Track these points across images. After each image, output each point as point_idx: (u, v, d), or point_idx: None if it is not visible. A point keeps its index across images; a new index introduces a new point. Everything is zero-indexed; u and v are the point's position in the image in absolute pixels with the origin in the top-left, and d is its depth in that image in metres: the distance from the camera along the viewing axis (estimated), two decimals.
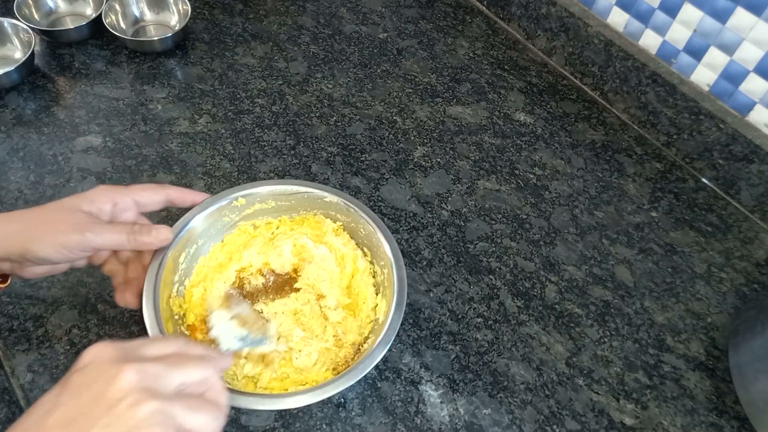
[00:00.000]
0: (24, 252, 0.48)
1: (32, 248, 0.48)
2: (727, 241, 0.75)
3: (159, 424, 0.36)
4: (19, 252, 0.48)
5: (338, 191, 0.62)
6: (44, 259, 0.49)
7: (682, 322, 0.67)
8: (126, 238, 0.51)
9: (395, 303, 0.54)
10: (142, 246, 0.52)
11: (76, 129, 0.77)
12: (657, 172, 0.81)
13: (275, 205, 0.63)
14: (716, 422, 0.60)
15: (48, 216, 0.49)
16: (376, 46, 0.92)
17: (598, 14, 0.86)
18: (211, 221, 0.60)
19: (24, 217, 0.49)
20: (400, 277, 0.56)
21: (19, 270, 0.52)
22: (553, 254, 0.71)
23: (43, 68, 0.83)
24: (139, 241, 0.51)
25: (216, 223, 0.61)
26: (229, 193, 0.60)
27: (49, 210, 0.50)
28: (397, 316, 0.54)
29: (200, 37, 0.90)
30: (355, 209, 0.61)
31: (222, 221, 0.62)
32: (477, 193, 0.76)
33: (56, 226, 0.48)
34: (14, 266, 0.51)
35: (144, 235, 0.52)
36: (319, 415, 0.57)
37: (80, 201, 0.51)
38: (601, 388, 0.61)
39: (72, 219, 0.49)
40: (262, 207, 0.63)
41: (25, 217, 0.49)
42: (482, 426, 0.58)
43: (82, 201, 0.51)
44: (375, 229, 0.59)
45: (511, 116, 0.85)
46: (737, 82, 0.74)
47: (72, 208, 0.50)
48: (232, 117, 0.80)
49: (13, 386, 0.57)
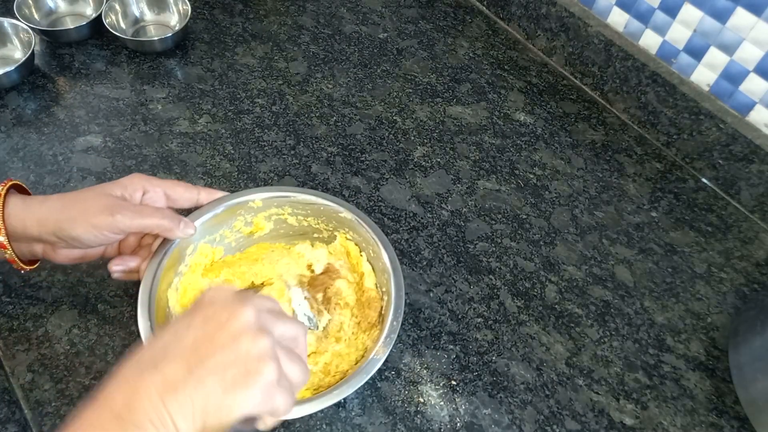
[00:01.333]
0: (57, 231, 0.50)
1: (65, 228, 0.50)
2: (727, 241, 0.75)
3: (272, 359, 0.39)
4: (53, 232, 0.50)
5: (352, 206, 0.62)
6: (76, 239, 0.51)
7: (682, 322, 0.67)
8: (156, 222, 0.53)
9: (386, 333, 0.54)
10: (167, 234, 0.54)
11: (76, 129, 0.77)
12: (657, 172, 0.81)
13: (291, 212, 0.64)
14: (716, 422, 0.60)
15: (81, 198, 0.52)
16: (376, 46, 0.92)
17: (598, 14, 0.86)
18: (222, 219, 0.61)
19: (58, 199, 0.52)
20: (397, 306, 0.56)
21: (52, 253, 0.54)
22: (553, 254, 0.71)
23: (43, 68, 0.83)
24: (167, 227, 0.53)
25: (228, 220, 0.62)
26: (246, 194, 0.61)
27: (81, 193, 0.52)
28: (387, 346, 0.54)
29: (200, 37, 0.90)
30: (367, 229, 0.61)
31: (234, 221, 0.62)
32: (477, 193, 0.76)
33: (88, 207, 0.51)
34: (47, 248, 0.54)
35: (173, 225, 0.54)
36: (319, 415, 0.57)
37: (113, 186, 0.53)
38: (601, 388, 0.61)
39: (103, 201, 0.51)
40: (277, 212, 0.63)
41: (59, 200, 0.52)
42: (482, 426, 0.58)
43: (114, 186, 0.53)
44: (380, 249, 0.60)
45: (511, 116, 0.85)
46: (737, 82, 0.74)
47: (104, 192, 0.52)
48: (232, 117, 0.80)
49: (13, 386, 0.57)
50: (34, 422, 0.54)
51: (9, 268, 0.63)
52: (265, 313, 0.42)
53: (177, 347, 0.39)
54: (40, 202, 0.52)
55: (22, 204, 0.51)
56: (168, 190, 0.55)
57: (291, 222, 0.65)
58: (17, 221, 0.51)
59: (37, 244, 0.53)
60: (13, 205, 0.51)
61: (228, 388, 0.38)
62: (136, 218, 0.51)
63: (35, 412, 0.55)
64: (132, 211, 0.52)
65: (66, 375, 0.57)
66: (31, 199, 0.52)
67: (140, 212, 0.52)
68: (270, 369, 0.39)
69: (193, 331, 0.40)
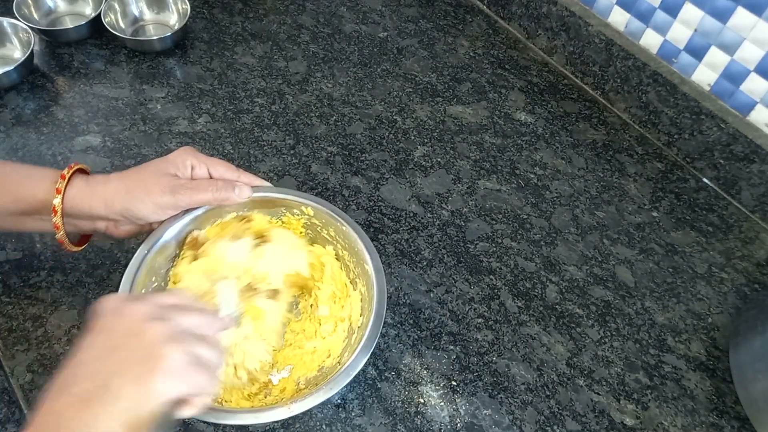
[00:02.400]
0: (125, 211, 0.53)
1: (133, 207, 0.53)
2: (728, 241, 0.74)
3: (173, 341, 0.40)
4: (120, 212, 0.53)
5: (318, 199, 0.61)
6: (141, 218, 0.54)
7: (682, 322, 0.67)
8: (211, 195, 0.55)
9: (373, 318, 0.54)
10: (225, 201, 0.57)
11: (75, 129, 0.76)
12: (658, 171, 0.81)
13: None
14: (717, 422, 0.60)
15: (141, 179, 0.54)
16: (376, 45, 0.92)
17: (599, 13, 0.86)
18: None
19: (120, 180, 0.54)
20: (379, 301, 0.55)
21: (114, 229, 0.57)
22: (554, 254, 0.71)
23: (42, 68, 0.83)
24: (223, 197, 0.56)
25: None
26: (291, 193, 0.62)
27: (139, 174, 0.54)
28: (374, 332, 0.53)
29: (199, 36, 0.90)
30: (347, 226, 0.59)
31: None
32: (477, 193, 0.76)
33: (151, 188, 0.53)
34: (110, 225, 0.56)
35: (228, 192, 0.56)
36: (318, 416, 0.57)
37: (167, 165, 0.55)
38: (601, 388, 0.61)
39: (163, 181, 0.54)
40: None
41: (122, 181, 0.54)
42: (482, 426, 0.58)
43: (168, 165, 0.55)
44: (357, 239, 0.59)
45: (512, 116, 0.85)
46: (738, 81, 0.74)
47: (162, 171, 0.54)
48: (232, 116, 0.80)
49: (13, 386, 0.57)
50: None
51: (9, 268, 0.63)
52: (161, 307, 0.43)
53: (80, 368, 0.40)
54: (103, 182, 0.54)
55: (86, 185, 0.53)
56: (211, 168, 0.57)
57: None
58: (83, 201, 0.53)
59: (100, 222, 0.56)
60: (79, 186, 0.53)
61: (138, 381, 0.39)
62: (194, 195, 0.55)
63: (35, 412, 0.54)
64: (190, 188, 0.54)
65: None
66: (93, 180, 0.54)
67: (197, 188, 0.55)
68: (172, 350, 0.40)
69: (91, 347, 0.41)
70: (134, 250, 0.65)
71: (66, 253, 0.65)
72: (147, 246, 0.56)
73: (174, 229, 0.57)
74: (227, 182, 0.56)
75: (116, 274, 0.64)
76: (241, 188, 0.57)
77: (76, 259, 0.65)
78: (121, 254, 0.65)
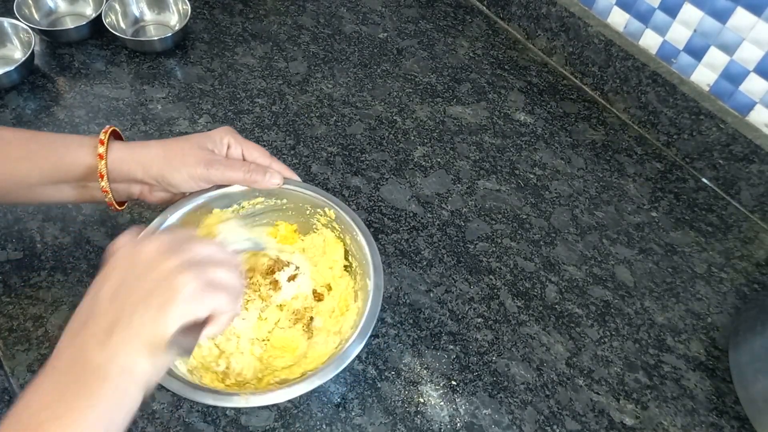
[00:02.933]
0: (158, 177, 0.55)
1: (168, 175, 0.55)
2: (728, 241, 0.75)
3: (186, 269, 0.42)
4: (155, 177, 0.55)
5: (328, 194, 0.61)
6: (174, 185, 0.56)
7: (682, 322, 0.67)
8: (242, 176, 0.57)
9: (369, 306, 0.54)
10: (254, 184, 0.58)
11: (75, 129, 0.76)
12: (657, 172, 0.81)
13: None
14: (716, 422, 0.60)
15: (179, 149, 0.56)
16: (376, 46, 0.92)
17: (599, 14, 0.86)
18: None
19: (160, 146, 0.56)
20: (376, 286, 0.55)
21: (148, 194, 0.59)
22: (554, 254, 0.71)
23: (43, 68, 0.83)
24: (253, 179, 0.57)
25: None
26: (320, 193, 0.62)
27: (178, 144, 0.56)
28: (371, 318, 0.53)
29: (200, 37, 0.90)
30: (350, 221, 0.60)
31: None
32: (477, 193, 0.76)
33: (187, 159, 0.55)
34: (144, 190, 0.58)
35: (259, 175, 0.58)
36: (318, 416, 0.57)
37: (205, 140, 0.57)
38: (601, 388, 0.61)
39: (200, 154, 0.56)
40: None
41: (161, 147, 0.55)
42: (482, 426, 0.58)
43: (206, 140, 0.57)
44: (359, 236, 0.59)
45: (512, 116, 0.85)
46: (737, 82, 0.74)
47: (198, 144, 0.56)
48: (232, 117, 0.80)
49: (13, 386, 0.57)
50: None
51: (9, 268, 0.63)
52: (172, 242, 0.44)
53: (99, 302, 0.42)
54: (142, 147, 0.56)
55: (126, 149, 0.55)
56: (246, 151, 0.58)
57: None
58: (123, 164, 0.55)
59: (135, 186, 0.58)
60: (118, 149, 0.55)
61: (155, 312, 0.40)
62: (226, 172, 0.56)
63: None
64: (223, 165, 0.56)
65: None
66: (133, 144, 0.56)
67: (230, 166, 0.56)
68: (186, 278, 0.41)
69: (107, 283, 0.42)
70: None
71: (66, 253, 0.65)
72: (170, 211, 0.57)
73: (199, 200, 0.58)
74: (260, 166, 0.58)
75: None
76: (273, 174, 0.59)
77: (77, 259, 0.65)
78: None
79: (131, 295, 0.41)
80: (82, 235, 0.67)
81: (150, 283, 0.41)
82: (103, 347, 0.39)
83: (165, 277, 0.41)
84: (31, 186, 0.55)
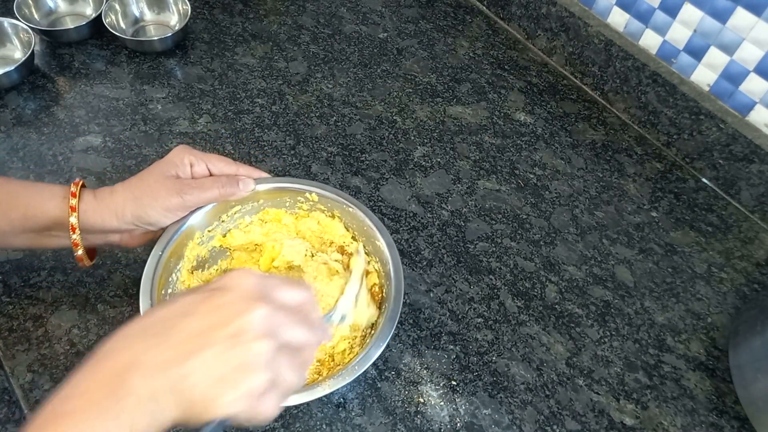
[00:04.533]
0: (136, 219, 0.54)
1: (144, 214, 0.54)
2: (728, 241, 0.75)
3: (268, 364, 0.39)
4: (132, 221, 0.54)
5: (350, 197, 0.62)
6: (153, 224, 0.55)
7: (682, 322, 0.67)
8: (218, 192, 0.57)
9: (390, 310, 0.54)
10: (231, 197, 0.58)
11: (75, 129, 0.77)
12: (657, 172, 0.81)
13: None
14: (716, 422, 0.60)
15: (146, 185, 0.54)
16: (376, 46, 0.92)
17: (599, 14, 0.86)
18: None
19: (126, 189, 0.54)
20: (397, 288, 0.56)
21: (129, 239, 0.58)
22: (554, 254, 0.71)
23: (43, 68, 0.83)
24: (229, 192, 0.57)
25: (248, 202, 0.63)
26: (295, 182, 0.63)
27: (147, 179, 0.55)
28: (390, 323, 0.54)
29: (200, 37, 0.90)
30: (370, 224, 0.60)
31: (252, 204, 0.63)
32: (477, 193, 0.76)
33: (157, 193, 0.54)
34: (123, 236, 0.57)
35: (233, 187, 0.57)
36: (319, 416, 0.57)
37: (167, 167, 0.55)
38: (601, 388, 0.61)
39: (168, 184, 0.54)
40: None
41: (127, 189, 0.54)
42: (482, 426, 0.58)
43: (168, 166, 0.55)
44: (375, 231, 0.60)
45: (512, 116, 0.85)
46: (737, 82, 0.74)
47: (164, 174, 0.55)
48: (232, 117, 0.80)
49: (13, 386, 0.57)
50: None
51: (9, 268, 0.63)
52: (280, 313, 0.40)
53: (178, 329, 0.38)
54: (110, 194, 0.54)
55: (94, 199, 0.54)
56: (209, 164, 0.58)
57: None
58: (95, 216, 0.53)
59: (113, 235, 0.56)
60: (88, 201, 0.53)
61: (214, 384, 0.37)
62: (201, 194, 0.56)
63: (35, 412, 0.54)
64: (195, 188, 0.55)
65: (66, 375, 0.56)
66: (100, 193, 0.55)
67: (201, 187, 0.56)
68: (259, 378, 0.38)
69: (199, 316, 0.39)
70: (135, 250, 0.66)
71: (66, 253, 0.65)
72: (160, 247, 0.56)
73: (183, 227, 0.58)
74: (231, 178, 0.58)
75: (117, 273, 0.64)
76: (245, 182, 0.58)
77: None
78: (121, 254, 0.65)
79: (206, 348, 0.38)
80: None
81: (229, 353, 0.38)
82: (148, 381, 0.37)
83: (245, 361, 0.38)
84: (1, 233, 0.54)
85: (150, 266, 0.55)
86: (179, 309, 0.40)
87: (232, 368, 0.38)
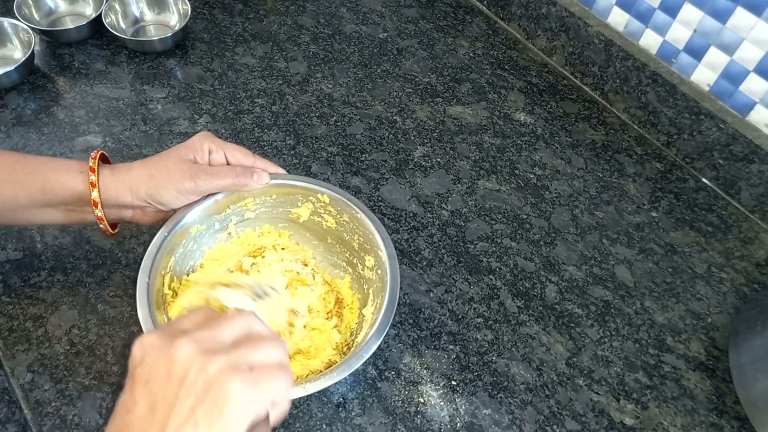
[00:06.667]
0: (149, 198, 0.55)
1: (157, 194, 0.54)
2: (728, 241, 0.75)
3: (231, 372, 0.37)
4: (145, 198, 0.55)
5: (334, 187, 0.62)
6: (164, 203, 0.56)
7: (682, 322, 0.67)
8: (231, 181, 0.57)
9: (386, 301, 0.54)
10: (244, 187, 0.59)
11: (75, 129, 0.77)
12: (657, 172, 0.81)
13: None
14: (716, 422, 0.60)
15: (163, 166, 0.55)
16: (376, 46, 0.92)
17: (599, 14, 0.86)
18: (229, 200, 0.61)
19: (143, 167, 0.55)
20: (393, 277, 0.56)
21: (141, 216, 0.58)
22: (554, 254, 0.71)
23: (43, 68, 0.83)
24: (242, 183, 0.58)
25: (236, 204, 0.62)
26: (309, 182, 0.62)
27: (161, 160, 0.56)
28: (388, 313, 0.54)
29: (200, 37, 0.90)
30: (356, 209, 0.60)
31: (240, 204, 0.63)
32: (477, 193, 0.76)
33: (173, 175, 0.55)
34: (136, 213, 0.58)
35: (247, 178, 0.58)
36: (319, 416, 0.57)
37: (186, 151, 0.56)
38: (601, 388, 0.61)
39: (184, 167, 0.55)
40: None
41: (145, 167, 0.55)
42: (482, 426, 0.58)
43: (187, 150, 0.56)
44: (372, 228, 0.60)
45: (512, 116, 0.85)
46: (737, 82, 0.74)
47: (182, 157, 0.56)
48: (232, 117, 0.80)
49: (13, 386, 0.57)
50: (34, 422, 0.54)
51: (9, 268, 0.63)
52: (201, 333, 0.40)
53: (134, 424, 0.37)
54: (127, 170, 0.55)
55: (111, 174, 0.55)
56: (228, 153, 0.58)
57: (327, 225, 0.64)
58: (110, 191, 0.54)
59: (126, 210, 0.57)
60: (105, 176, 0.55)
61: (207, 424, 0.36)
62: (214, 180, 0.56)
63: (35, 412, 0.55)
64: (209, 174, 0.56)
65: (66, 375, 0.57)
66: (117, 169, 0.56)
67: (216, 174, 0.56)
68: (233, 383, 0.37)
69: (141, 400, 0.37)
70: (135, 250, 0.66)
71: (66, 253, 0.65)
72: (167, 229, 0.57)
73: (194, 213, 0.58)
74: (246, 168, 0.58)
75: (117, 273, 0.64)
76: (260, 175, 0.59)
77: (77, 259, 0.65)
78: (121, 254, 0.66)
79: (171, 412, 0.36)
80: (82, 235, 0.67)
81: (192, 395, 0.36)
82: None
83: (209, 386, 0.37)
84: (18, 209, 0.54)
85: (154, 245, 0.56)
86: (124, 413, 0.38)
87: (206, 401, 0.36)
